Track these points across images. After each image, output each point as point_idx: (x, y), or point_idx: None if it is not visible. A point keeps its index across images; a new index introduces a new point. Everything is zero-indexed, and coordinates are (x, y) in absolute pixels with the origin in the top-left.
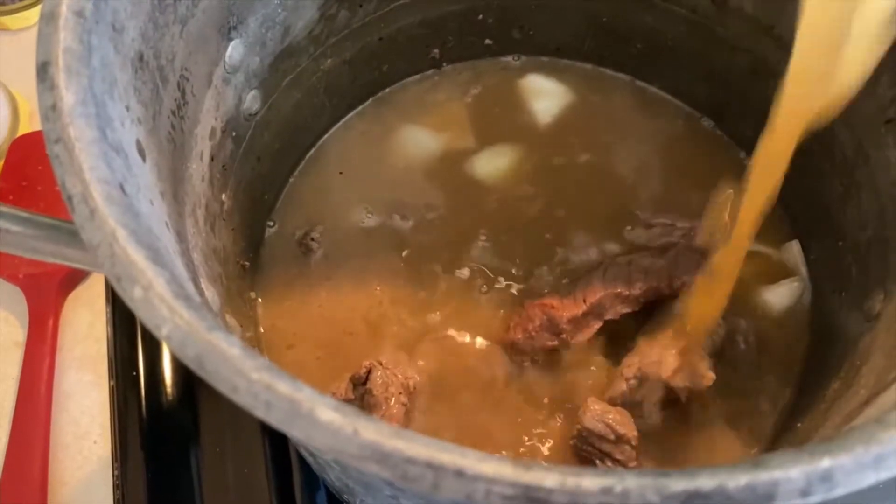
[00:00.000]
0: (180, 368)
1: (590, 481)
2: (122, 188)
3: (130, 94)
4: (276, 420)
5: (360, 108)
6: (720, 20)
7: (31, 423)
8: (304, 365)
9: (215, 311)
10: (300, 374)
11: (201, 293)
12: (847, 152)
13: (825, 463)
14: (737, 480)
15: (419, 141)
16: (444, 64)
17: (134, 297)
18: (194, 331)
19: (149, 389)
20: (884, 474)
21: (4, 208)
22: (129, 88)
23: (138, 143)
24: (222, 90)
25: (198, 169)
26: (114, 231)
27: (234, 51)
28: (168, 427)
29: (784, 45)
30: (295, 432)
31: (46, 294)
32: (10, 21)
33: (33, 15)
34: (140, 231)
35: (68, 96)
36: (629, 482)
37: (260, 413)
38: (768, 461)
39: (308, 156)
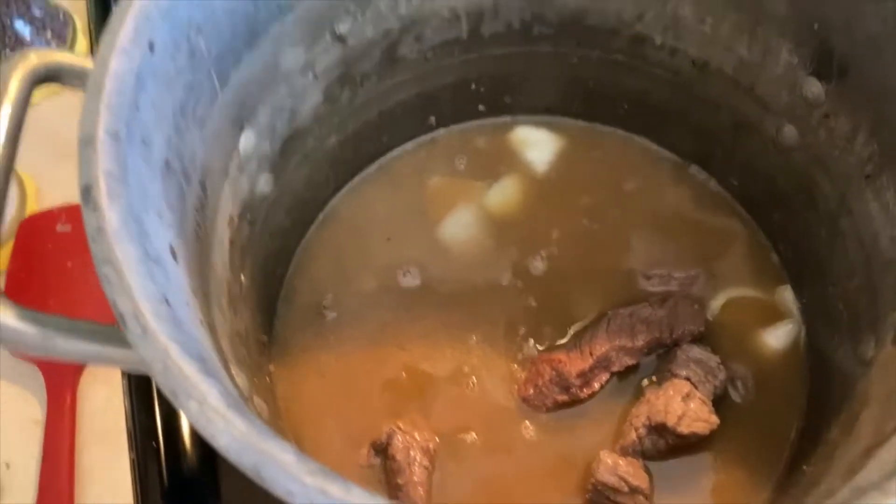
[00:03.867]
0: (200, 437)
1: None
2: (166, 301)
3: (161, 201)
4: None
5: (362, 174)
6: (702, 81)
7: (55, 500)
8: (324, 432)
9: (246, 396)
10: (321, 443)
11: (233, 380)
12: (831, 204)
13: None
14: None
15: (421, 202)
16: (440, 129)
17: (191, 410)
18: (251, 441)
19: (169, 459)
20: None
21: (46, 317)
22: (158, 197)
23: (171, 248)
24: (237, 178)
25: (220, 256)
26: (166, 348)
27: (247, 141)
28: (190, 496)
29: (763, 103)
30: None
31: (63, 371)
32: None
33: (37, 94)
34: (188, 343)
35: (112, 218)
36: None
37: None
38: None
39: (313, 227)
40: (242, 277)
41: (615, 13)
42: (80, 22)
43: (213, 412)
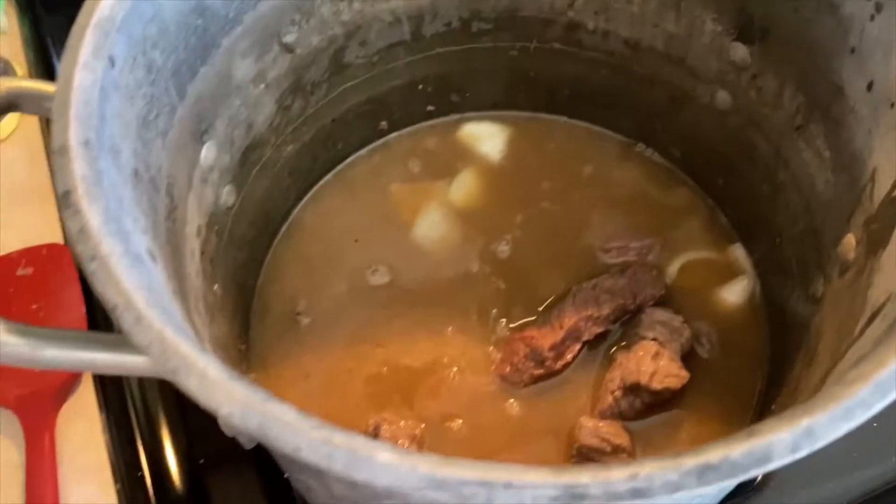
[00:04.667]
0: (186, 462)
1: (617, 471)
2: (153, 291)
3: (134, 207)
4: (340, 468)
5: (321, 182)
6: (636, 59)
7: None
8: None
9: None
10: None
11: None
12: (768, 160)
13: (805, 422)
14: (737, 449)
15: (383, 205)
16: (392, 132)
17: (191, 386)
18: (252, 405)
19: (156, 487)
20: (854, 423)
21: (34, 329)
22: (131, 203)
23: (149, 251)
24: (201, 190)
25: (192, 265)
26: (161, 331)
27: (208, 152)
28: None
29: (694, 74)
30: (358, 475)
31: (40, 411)
32: None
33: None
34: (179, 329)
35: (93, 218)
36: (650, 466)
37: (324, 465)
38: (759, 430)
39: (279, 237)
40: (216, 287)
41: (548, 3)
42: (21, 70)
43: (214, 385)
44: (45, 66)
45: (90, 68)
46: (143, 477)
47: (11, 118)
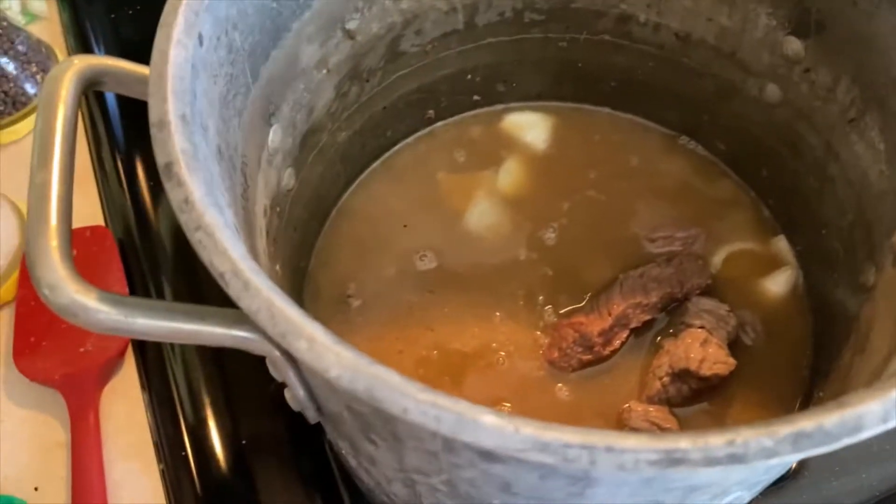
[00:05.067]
0: (231, 443)
1: (715, 437)
2: (251, 262)
3: (220, 183)
4: (447, 430)
5: (368, 169)
6: (685, 52)
7: None
8: None
9: None
10: None
11: None
12: (817, 153)
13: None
14: (831, 419)
15: (429, 193)
16: (438, 122)
17: (301, 349)
18: (360, 367)
19: (200, 468)
20: None
21: (125, 298)
22: (219, 179)
23: (234, 226)
24: (267, 171)
25: (261, 245)
26: (269, 296)
27: (275, 135)
28: (226, 501)
29: (745, 67)
30: (465, 437)
31: (84, 390)
32: (2, 136)
33: (23, 127)
34: (285, 296)
35: (196, 189)
36: (746, 433)
37: (432, 426)
38: (849, 401)
39: (329, 221)
40: (277, 267)
41: None
42: (61, 54)
43: (323, 347)
44: (84, 52)
45: (183, 45)
46: (186, 457)
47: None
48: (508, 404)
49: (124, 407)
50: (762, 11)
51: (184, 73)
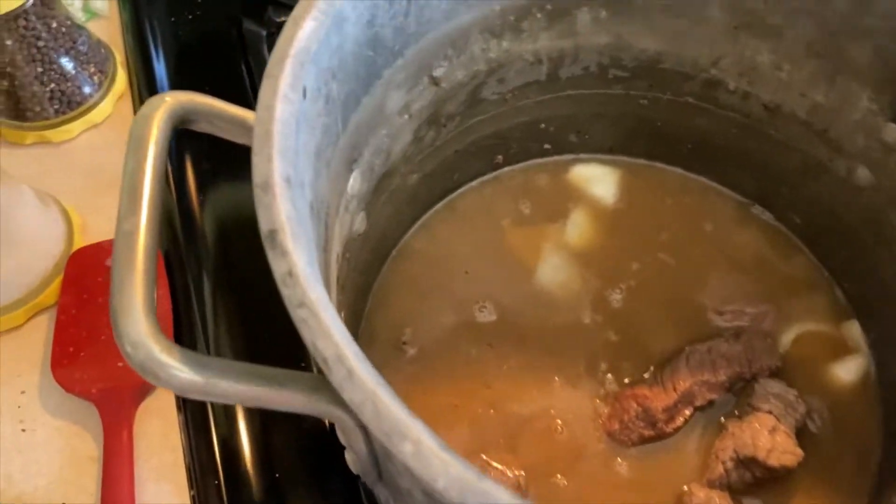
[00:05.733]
0: (264, 475)
1: None
2: (353, 343)
3: (312, 244)
4: None
5: (431, 211)
6: (772, 124)
7: None
8: None
9: None
10: None
11: None
12: None
13: None
14: None
15: (493, 237)
16: (505, 167)
17: (405, 452)
18: (468, 482)
19: (231, 498)
20: None
21: (208, 360)
22: (314, 239)
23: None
24: (343, 217)
25: (334, 296)
26: (374, 389)
27: (354, 181)
28: None
29: (836, 146)
30: None
31: (120, 406)
32: (53, 134)
33: (76, 127)
34: (389, 388)
35: (300, 261)
36: None
37: None
38: None
39: (388, 261)
40: (343, 314)
41: (691, 59)
42: (119, 56)
43: (430, 453)
44: (142, 53)
45: (289, 100)
46: (219, 485)
47: (108, 102)
48: (564, 475)
49: (159, 426)
50: (864, 94)
51: (289, 129)
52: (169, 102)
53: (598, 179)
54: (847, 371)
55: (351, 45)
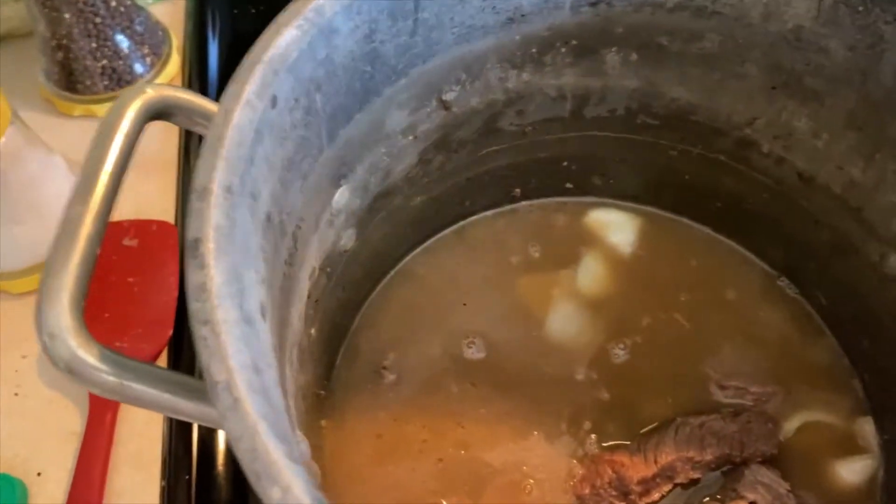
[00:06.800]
0: (235, 479)
1: None
2: (256, 368)
3: (259, 257)
4: None
5: (438, 235)
6: (805, 194)
7: None
8: (367, 497)
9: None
10: None
11: (297, 447)
12: None
13: None
14: None
15: (498, 271)
16: (523, 201)
17: (272, 497)
18: None
19: (201, 494)
20: None
21: (128, 361)
22: (258, 252)
23: (261, 306)
24: (325, 232)
25: (297, 310)
26: (255, 425)
27: (341, 196)
28: None
29: (869, 228)
30: None
31: None
32: (100, 109)
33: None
34: (276, 421)
35: (217, 276)
36: None
37: None
38: None
39: (384, 281)
40: (312, 331)
41: (725, 115)
42: (177, 40)
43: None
44: (199, 40)
45: (252, 106)
46: (189, 481)
47: (142, 82)
48: None
49: (145, 413)
50: None
51: (244, 137)
52: (147, 94)
53: (617, 226)
54: (852, 471)
55: (342, 59)
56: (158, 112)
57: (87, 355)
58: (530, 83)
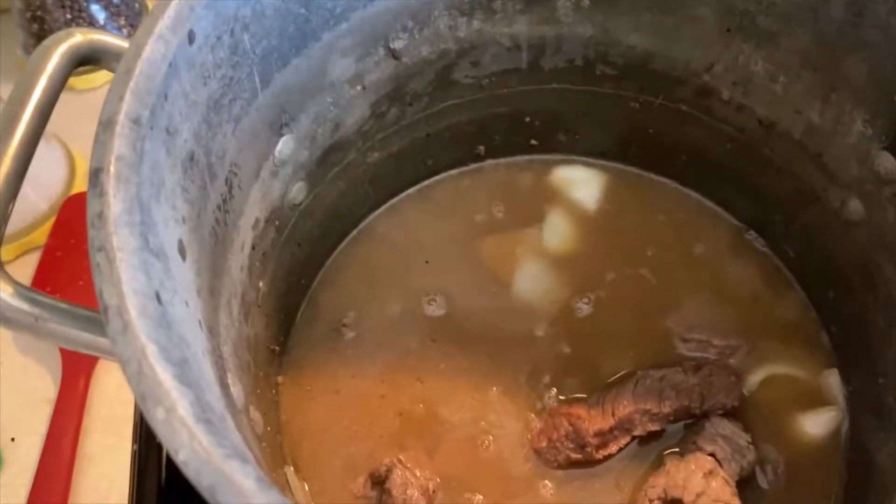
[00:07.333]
0: None
1: None
2: (157, 297)
3: (178, 194)
4: None
5: (402, 195)
6: (767, 142)
7: (52, 482)
8: (323, 453)
9: (239, 408)
10: (318, 464)
11: (227, 390)
12: (892, 290)
13: None
14: None
15: (462, 230)
16: (488, 159)
17: (156, 418)
18: (211, 459)
19: (170, 459)
20: None
21: (44, 298)
22: (176, 189)
23: (180, 243)
24: (269, 182)
25: (237, 259)
26: (143, 348)
27: (285, 146)
28: (185, 496)
29: (830, 174)
30: None
31: (82, 355)
32: (77, 82)
33: (100, 77)
34: (170, 347)
35: (115, 204)
36: None
37: None
38: None
39: (347, 240)
40: (261, 284)
41: (683, 61)
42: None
43: (180, 423)
44: None
45: (165, 41)
46: (160, 445)
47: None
48: (480, 494)
49: (118, 379)
50: (858, 117)
51: (155, 71)
52: (75, 38)
53: (582, 182)
54: (816, 424)
55: None
56: (87, 57)
57: (2, 292)
58: (482, 32)
